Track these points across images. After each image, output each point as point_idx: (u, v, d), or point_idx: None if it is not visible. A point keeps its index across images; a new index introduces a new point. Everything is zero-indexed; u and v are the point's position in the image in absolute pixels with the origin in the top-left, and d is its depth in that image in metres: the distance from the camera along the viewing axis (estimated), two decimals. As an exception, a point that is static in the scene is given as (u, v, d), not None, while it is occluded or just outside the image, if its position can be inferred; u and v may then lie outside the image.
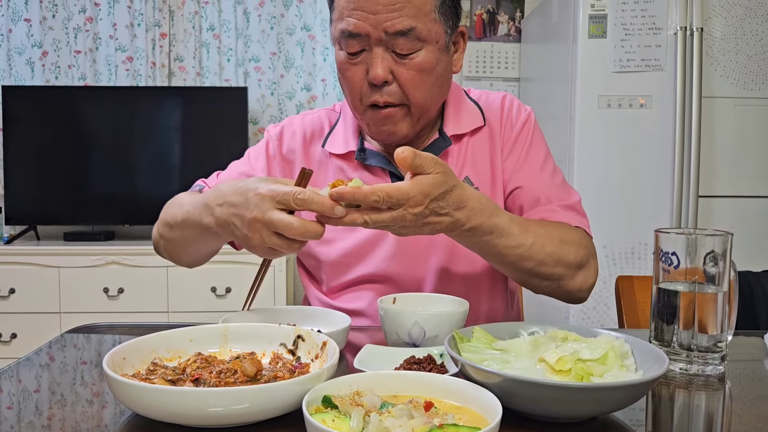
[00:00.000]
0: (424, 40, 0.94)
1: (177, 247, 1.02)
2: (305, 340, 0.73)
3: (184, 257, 1.06)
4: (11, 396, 0.70)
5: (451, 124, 1.08)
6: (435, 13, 0.95)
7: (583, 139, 2.35)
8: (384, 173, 1.06)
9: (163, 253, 1.07)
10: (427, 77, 0.97)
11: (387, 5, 0.91)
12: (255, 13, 3.10)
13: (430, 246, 1.05)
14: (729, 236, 0.76)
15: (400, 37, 0.93)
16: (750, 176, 2.39)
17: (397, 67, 0.95)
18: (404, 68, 0.95)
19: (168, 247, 1.04)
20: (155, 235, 1.06)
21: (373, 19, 0.92)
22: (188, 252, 1.03)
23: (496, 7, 3.24)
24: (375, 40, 0.93)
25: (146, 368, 0.66)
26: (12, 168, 2.89)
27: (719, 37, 2.34)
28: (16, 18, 3.03)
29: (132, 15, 3.05)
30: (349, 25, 0.93)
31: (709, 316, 0.76)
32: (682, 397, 0.71)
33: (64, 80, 3.06)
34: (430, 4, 0.94)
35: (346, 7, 0.93)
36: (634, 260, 2.36)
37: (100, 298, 2.69)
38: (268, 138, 1.15)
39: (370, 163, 1.06)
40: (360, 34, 0.93)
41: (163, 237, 1.03)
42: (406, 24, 0.92)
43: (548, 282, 0.95)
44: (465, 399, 0.59)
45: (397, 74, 0.95)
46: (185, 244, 1.00)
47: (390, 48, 0.94)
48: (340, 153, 1.08)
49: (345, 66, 0.98)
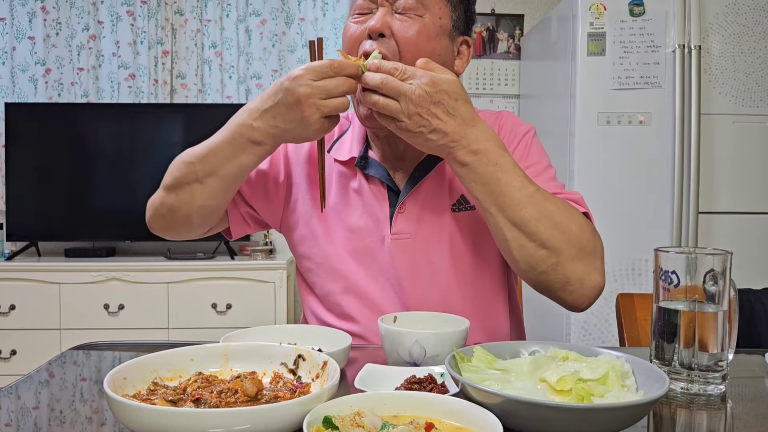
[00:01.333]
0: (428, 8, 0.97)
1: (194, 187, 0.98)
2: (306, 360, 0.72)
3: (200, 198, 0.99)
4: (10, 413, 0.70)
5: None
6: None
7: (583, 155, 2.36)
8: (382, 186, 1.06)
9: (167, 214, 1.03)
10: (423, 42, 0.97)
11: None
12: (257, 30, 3.13)
13: (429, 269, 1.04)
14: (729, 255, 0.76)
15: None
16: (750, 192, 2.40)
17: (395, 22, 0.97)
18: (402, 24, 0.96)
19: (177, 201, 1.00)
20: (155, 200, 1.04)
21: None
22: (210, 186, 0.98)
23: (495, 25, 3.27)
24: (381, 1, 0.97)
25: (147, 388, 0.66)
26: (14, 184, 2.90)
27: (717, 55, 2.36)
28: (20, 36, 3.06)
29: (135, 33, 3.08)
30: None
31: (709, 334, 0.76)
32: (683, 416, 0.71)
33: (66, 97, 3.08)
34: None
35: None
36: (634, 276, 2.36)
37: (100, 315, 2.68)
38: None
39: (369, 172, 1.06)
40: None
41: (171, 189, 1.00)
42: None
43: (544, 252, 0.90)
44: (466, 419, 0.59)
45: (394, 29, 0.96)
46: (208, 175, 0.96)
47: (394, 9, 0.97)
48: (343, 159, 1.08)
49: (348, 26, 1.00)
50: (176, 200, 1.01)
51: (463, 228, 1.05)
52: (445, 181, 1.06)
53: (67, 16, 3.06)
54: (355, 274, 1.06)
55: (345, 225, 1.07)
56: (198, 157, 0.97)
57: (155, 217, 1.06)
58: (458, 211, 1.05)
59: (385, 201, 1.05)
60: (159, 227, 1.08)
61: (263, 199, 1.11)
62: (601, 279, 0.95)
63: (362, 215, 1.06)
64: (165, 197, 1.03)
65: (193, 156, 0.98)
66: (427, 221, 1.04)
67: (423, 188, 1.05)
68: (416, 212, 1.04)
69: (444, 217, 1.05)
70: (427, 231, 1.04)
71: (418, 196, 1.05)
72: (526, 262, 0.92)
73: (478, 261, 1.06)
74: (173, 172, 1.01)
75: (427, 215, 1.04)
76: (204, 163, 0.96)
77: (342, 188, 1.08)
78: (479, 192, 0.91)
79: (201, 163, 0.97)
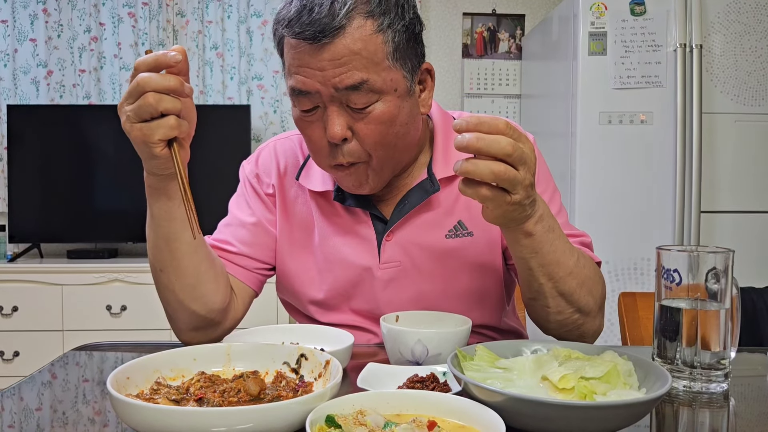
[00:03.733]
0: (380, 91, 0.85)
1: (162, 277, 0.91)
2: (308, 359, 0.73)
3: (174, 279, 0.91)
4: (13, 414, 0.70)
5: (440, 165, 0.99)
6: (388, 60, 0.85)
7: (584, 155, 2.36)
8: (365, 216, 1.00)
9: (169, 303, 0.94)
10: (389, 128, 0.88)
11: (333, 60, 0.83)
12: (258, 32, 3.14)
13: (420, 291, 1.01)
14: (730, 253, 0.76)
15: (352, 92, 0.84)
16: (751, 191, 2.40)
17: (355, 123, 0.87)
18: (363, 123, 0.87)
19: (167, 290, 0.92)
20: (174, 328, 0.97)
21: (320, 75, 0.84)
22: (173, 266, 0.90)
23: (496, 25, 3.27)
24: (327, 97, 0.85)
25: (150, 388, 0.66)
26: (16, 186, 2.91)
27: (719, 54, 2.35)
28: (22, 38, 3.06)
29: (136, 34, 3.08)
30: (297, 82, 0.86)
31: (711, 333, 0.76)
32: (686, 414, 0.71)
33: (68, 99, 3.09)
34: (381, 52, 0.84)
35: (293, 64, 0.86)
36: (636, 275, 2.36)
37: (102, 316, 2.69)
38: (245, 177, 1.09)
39: (350, 204, 0.99)
40: (310, 91, 0.85)
41: (155, 282, 0.94)
42: (356, 77, 0.83)
43: (578, 316, 0.89)
44: (468, 418, 0.59)
45: (356, 130, 0.87)
46: (165, 257, 0.90)
47: (344, 103, 0.86)
48: (317, 190, 1.01)
49: (302, 124, 0.91)
50: (170, 297, 0.93)
51: (459, 256, 1.00)
52: (440, 207, 1.00)
53: (69, 18, 3.07)
54: (341, 310, 1.03)
55: (329, 259, 1.02)
56: (148, 250, 0.93)
57: (187, 336, 0.97)
58: (453, 238, 1.00)
59: (370, 230, 1.00)
60: (195, 340, 0.96)
61: (266, 248, 1.06)
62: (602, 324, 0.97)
63: (345, 248, 1.01)
64: (169, 317, 0.96)
65: (150, 249, 0.93)
66: (417, 250, 0.99)
67: (413, 216, 0.99)
68: (405, 240, 0.99)
69: (436, 245, 0.99)
70: (418, 260, 0.99)
71: (408, 224, 0.99)
72: (557, 323, 0.91)
73: (475, 286, 1.02)
74: (155, 281, 0.94)
75: (416, 243, 0.99)
76: (148, 247, 0.92)
77: (320, 222, 1.02)
78: (535, 262, 0.83)
79: (149, 251, 0.92)
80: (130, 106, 0.74)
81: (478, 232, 1.00)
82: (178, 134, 0.77)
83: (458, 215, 1.00)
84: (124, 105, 0.75)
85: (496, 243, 1.01)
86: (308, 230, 1.04)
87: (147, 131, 0.75)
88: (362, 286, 1.01)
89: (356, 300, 1.02)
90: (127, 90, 0.75)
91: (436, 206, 1.00)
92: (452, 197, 1.00)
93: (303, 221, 1.04)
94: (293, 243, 1.04)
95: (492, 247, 1.01)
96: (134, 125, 0.75)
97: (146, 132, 0.75)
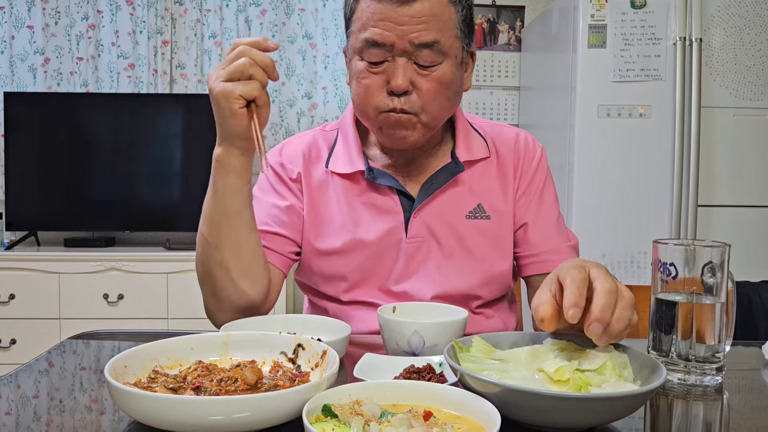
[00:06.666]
0: (446, 53, 0.96)
1: (220, 252, 0.93)
2: (305, 349, 0.73)
3: (229, 256, 0.93)
4: (10, 402, 0.70)
5: (462, 150, 1.09)
6: (457, 29, 0.97)
7: (583, 148, 2.36)
8: (392, 192, 1.07)
9: (209, 283, 0.96)
10: (444, 90, 0.98)
11: (414, 17, 0.93)
12: (257, 21, 3.12)
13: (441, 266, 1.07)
14: (727, 247, 0.76)
15: (424, 49, 0.94)
16: (749, 186, 2.40)
17: (418, 78, 0.96)
18: (425, 80, 0.96)
19: (221, 267, 0.94)
20: (205, 304, 1.00)
21: (399, 30, 0.93)
22: (231, 242, 0.93)
23: (496, 16, 3.26)
24: (399, 51, 0.95)
25: (147, 376, 0.66)
26: (13, 174, 2.90)
27: (718, 48, 2.35)
28: (19, 25, 3.04)
29: (134, 22, 3.07)
30: (374, 34, 0.94)
31: (707, 326, 0.76)
32: (680, 407, 0.71)
33: (66, 87, 3.07)
34: (453, 19, 0.97)
35: (371, 18, 0.94)
36: (633, 269, 2.37)
37: (99, 304, 2.69)
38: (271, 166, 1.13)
39: (381, 182, 1.06)
40: (385, 43, 0.94)
41: (203, 278, 0.97)
42: (431, 36, 0.94)
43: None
44: (464, 408, 0.59)
45: (417, 85, 0.96)
46: (223, 233, 0.92)
47: (413, 59, 0.95)
48: (345, 173, 1.08)
49: (364, 74, 0.98)
50: (216, 275, 0.95)
51: (476, 235, 1.08)
52: (463, 189, 1.08)
53: (66, 5, 3.05)
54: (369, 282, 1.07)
55: (358, 236, 1.07)
56: (202, 227, 0.94)
57: (228, 316, 0.98)
58: (473, 219, 1.08)
59: (398, 207, 1.07)
60: (228, 318, 0.96)
61: (297, 230, 1.10)
62: None
63: (374, 225, 1.06)
64: (204, 293, 0.99)
65: (200, 232, 0.95)
66: (441, 227, 1.07)
67: (438, 196, 1.07)
68: (430, 218, 1.06)
69: (457, 224, 1.07)
70: (440, 236, 1.07)
71: (433, 202, 1.07)
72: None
73: (487, 267, 1.08)
74: (197, 264, 0.97)
75: (440, 220, 1.07)
76: (206, 223, 0.94)
77: (348, 203, 1.08)
78: None
79: (205, 226, 0.94)
80: (224, 69, 0.83)
81: (495, 217, 1.09)
82: (257, 98, 0.85)
83: (479, 199, 1.09)
84: (218, 69, 0.84)
85: (509, 230, 1.10)
86: (335, 211, 1.08)
87: (231, 87, 0.83)
88: (387, 260, 1.07)
89: (380, 276, 1.07)
90: (225, 58, 0.84)
91: (460, 186, 1.08)
92: (472, 181, 1.09)
93: (330, 203, 1.09)
94: (321, 224, 1.08)
95: (505, 232, 1.10)
96: (220, 83, 0.83)
97: (230, 87, 0.83)
